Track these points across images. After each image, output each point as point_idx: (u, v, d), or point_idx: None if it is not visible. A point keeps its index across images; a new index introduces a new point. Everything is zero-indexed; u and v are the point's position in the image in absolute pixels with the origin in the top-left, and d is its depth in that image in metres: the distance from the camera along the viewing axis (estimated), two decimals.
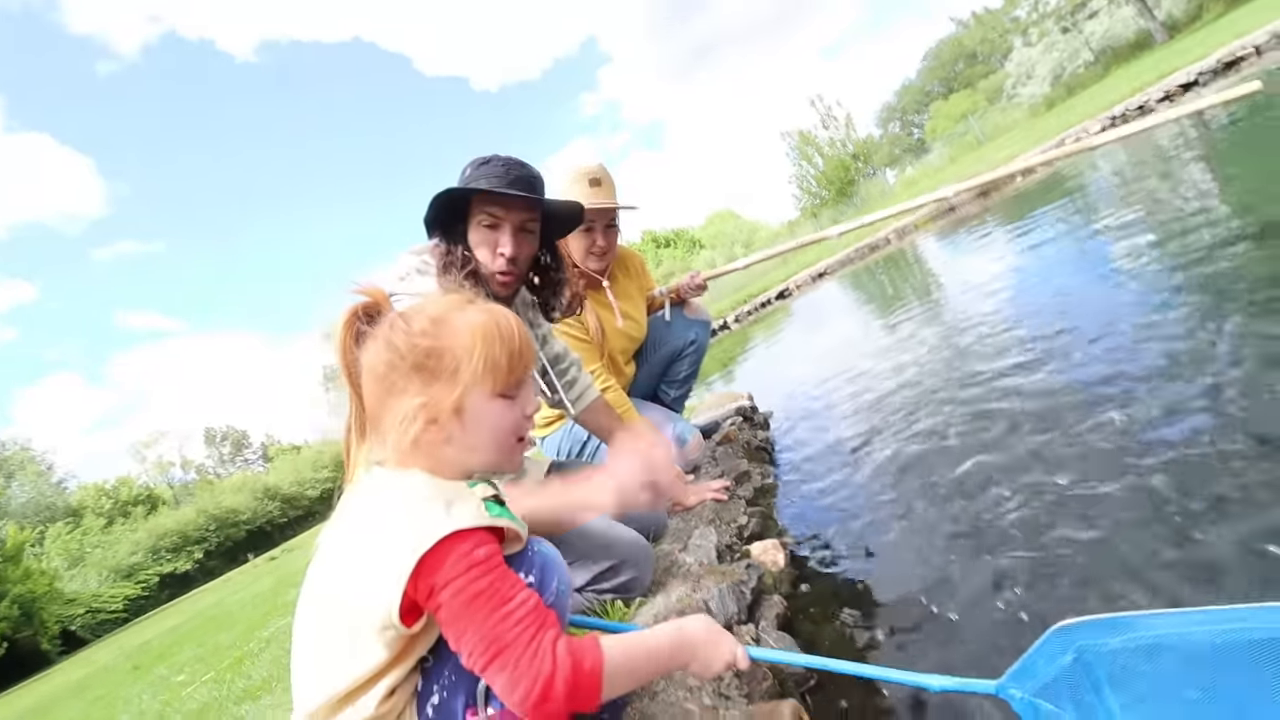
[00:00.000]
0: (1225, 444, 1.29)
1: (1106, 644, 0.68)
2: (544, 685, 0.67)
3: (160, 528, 44.68)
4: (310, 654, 0.77)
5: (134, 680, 5.35)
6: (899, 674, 0.79)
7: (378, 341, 0.81)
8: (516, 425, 0.86)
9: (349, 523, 0.79)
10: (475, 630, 0.69)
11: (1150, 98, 10.56)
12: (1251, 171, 3.43)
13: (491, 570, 0.72)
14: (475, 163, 1.47)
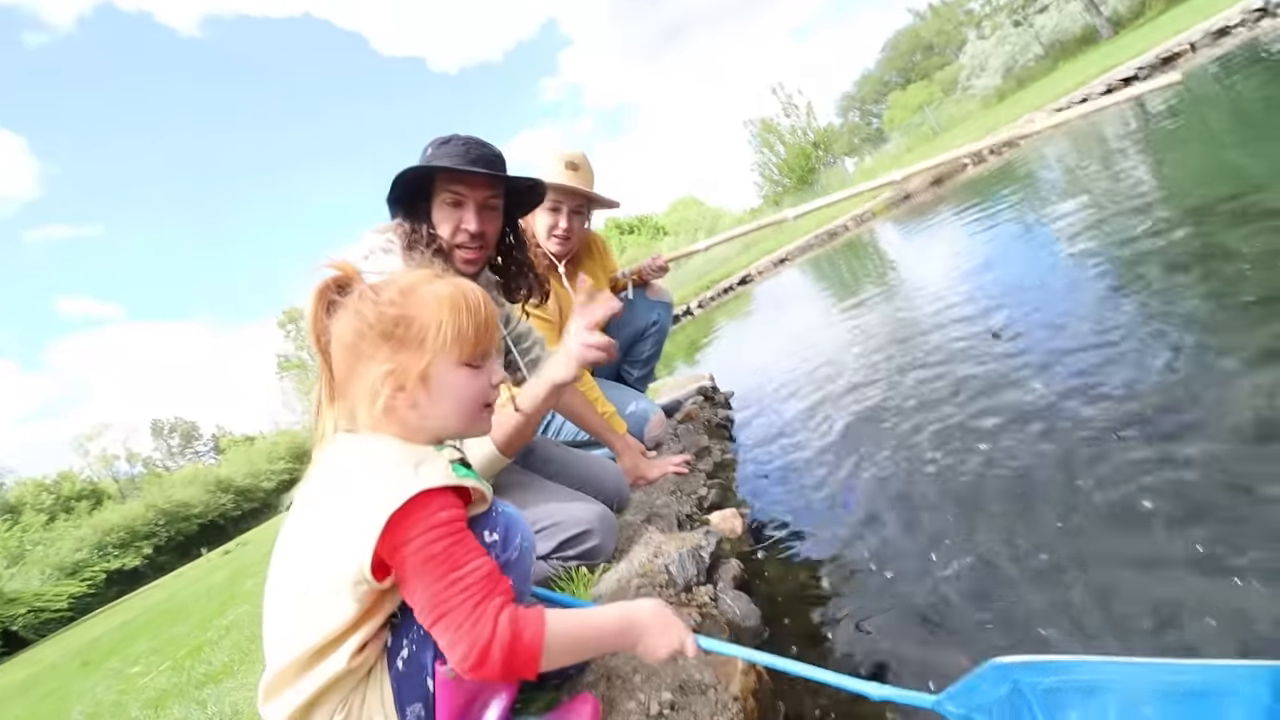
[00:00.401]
0: (1143, 408, 1.41)
1: (1042, 682, 0.68)
2: (480, 651, 0.69)
3: (106, 523, 42.95)
4: (284, 612, 0.80)
5: (85, 675, 5.21)
6: (841, 679, 0.79)
7: (348, 311, 0.83)
8: (482, 393, 0.90)
9: (320, 485, 0.82)
10: (425, 590, 0.72)
11: (1093, 91, 10.97)
12: (1181, 159, 3.63)
13: (451, 534, 0.75)
14: (436, 142, 1.49)
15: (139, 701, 2.89)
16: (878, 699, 0.76)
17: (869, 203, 12.30)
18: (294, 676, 0.77)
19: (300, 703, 0.75)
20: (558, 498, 1.54)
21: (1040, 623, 1.00)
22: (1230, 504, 1.06)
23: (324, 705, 0.77)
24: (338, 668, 0.76)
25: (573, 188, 2.18)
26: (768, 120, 35.66)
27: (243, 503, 49.55)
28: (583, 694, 0.97)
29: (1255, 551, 0.94)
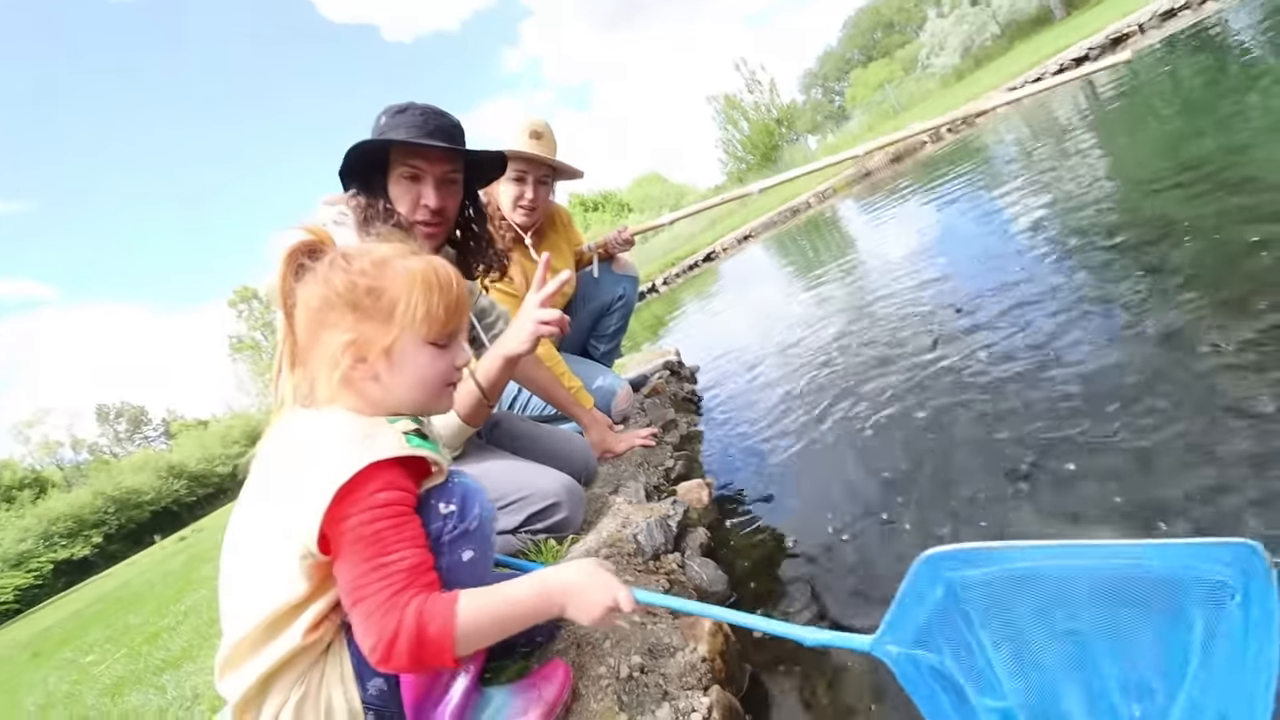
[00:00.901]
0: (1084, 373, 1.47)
1: (974, 575, 0.66)
2: (386, 644, 0.68)
3: (52, 512, 41.30)
4: (238, 586, 0.79)
5: (36, 667, 5.04)
6: (777, 625, 0.77)
7: (317, 276, 0.82)
8: (445, 373, 0.88)
9: (273, 458, 0.81)
10: (349, 572, 0.71)
11: (1047, 70, 11.21)
12: (1126, 137, 3.75)
13: (387, 518, 0.73)
14: (391, 110, 1.43)
15: (94, 690, 2.81)
16: (811, 644, 0.74)
17: (830, 180, 12.42)
18: (248, 652, 0.75)
19: (256, 678, 0.74)
20: (525, 471, 1.53)
21: None
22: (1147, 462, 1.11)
23: (281, 681, 0.76)
24: (292, 644, 0.75)
25: (537, 155, 2.15)
26: (731, 96, 35.57)
27: (197, 488, 48.16)
28: (553, 660, 0.98)
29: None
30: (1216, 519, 0.96)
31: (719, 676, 1.00)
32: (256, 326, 52.34)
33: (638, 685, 0.95)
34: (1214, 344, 1.35)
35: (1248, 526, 0.92)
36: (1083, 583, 0.61)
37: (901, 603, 0.68)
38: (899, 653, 0.68)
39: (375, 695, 0.79)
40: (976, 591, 0.66)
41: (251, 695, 0.75)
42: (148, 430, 63.87)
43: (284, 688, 0.76)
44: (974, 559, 0.66)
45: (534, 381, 1.90)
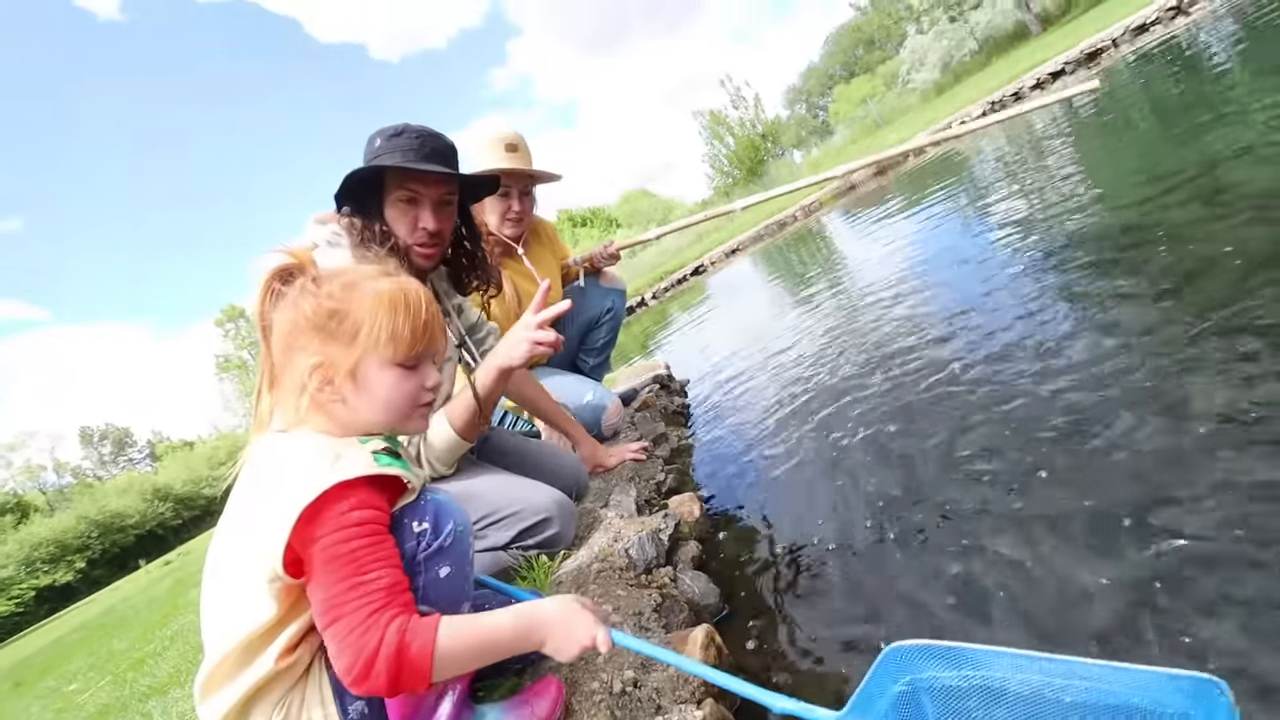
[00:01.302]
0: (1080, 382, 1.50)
1: (938, 679, 0.67)
2: (365, 662, 0.67)
3: (34, 537, 40.57)
4: (215, 609, 0.78)
5: (18, 697, 4.93)
6: (748, 688, 0.78)
7: (288, 300, 0.84)
8: (413, 395, 0.88)
9: (247, 480, 0.81)
10: (324, 592, 0.70)
11: (1024, 85, 11.43)
12: (1104, 150, 3.83)
13: (360, 536, 0.72)
14: (386, 134, 1.43)
15: (79, 718, 2.76)
16: (779, 712, 0.74)
17: (816, 194, 12.56)
18: (226, 677, 0.75)
19: (234, 703, 0.74)
20: (516, 487, 1.53)
21: (977, 602, 1.06)
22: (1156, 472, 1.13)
23: (260, 705, 0.76)
24: (265, 669, 0.74)
25: (518, 169, 2.18)
26: (716, 112, 35.94)
27: (183, 511, 47.52)
28: (546, 677, 0.98)
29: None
30: (1188, 525, 0.97)
31: (712, 690, 1.00)
32: (243, 346, 51.96)
33: (631, 700, 0.95)
34: (1194, 358, 1.38)
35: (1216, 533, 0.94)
36: (1048, 705, 0.61)
37: (866, 689, 0.69)
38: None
39: (356, 718, 0.79)
40: (939, 694, 0.66)
41: (231, 719, 0.75)
42: (132, 452, 63.02)
43: (264, 711, 0.76)
44: (943, 657, 0.66)
45: (523, 396, 1.90)
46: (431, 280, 1.64)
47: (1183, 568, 0.91)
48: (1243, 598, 0.83)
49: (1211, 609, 0.84)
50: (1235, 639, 0.79)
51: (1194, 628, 0.82)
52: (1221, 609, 0.83)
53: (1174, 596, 0.88)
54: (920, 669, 0.67)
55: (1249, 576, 0.86)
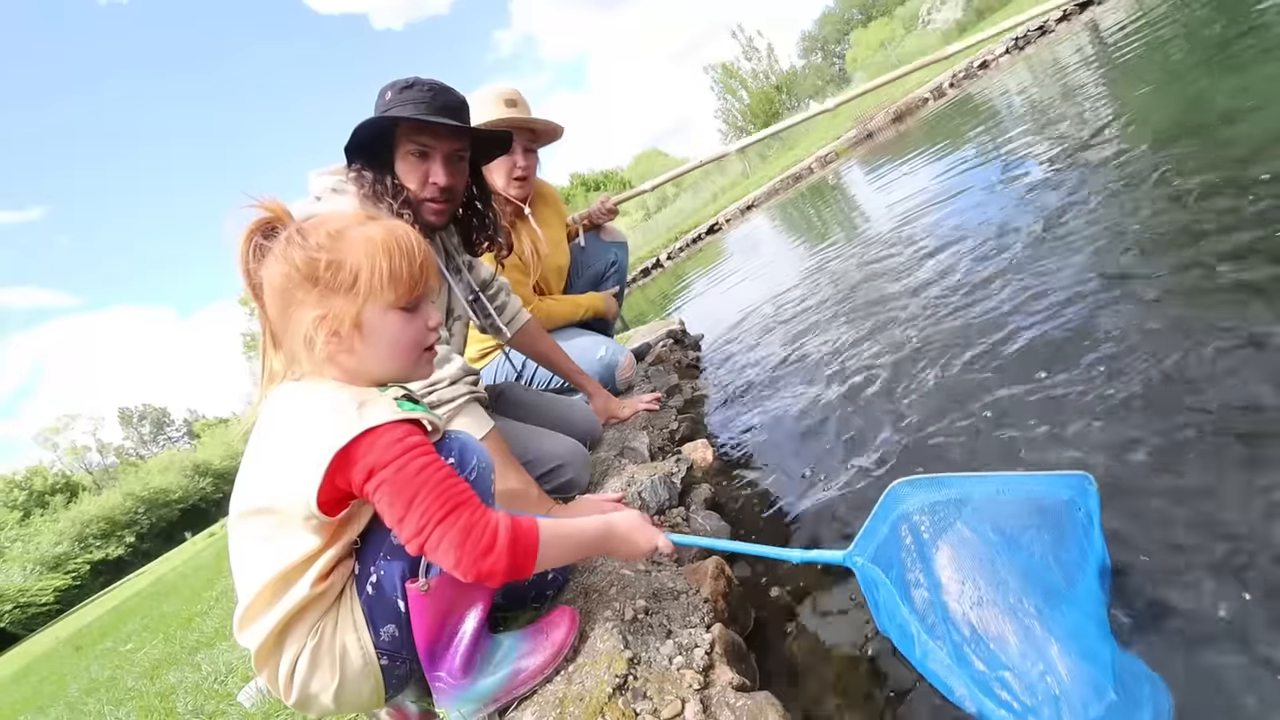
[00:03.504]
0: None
1: (925, 500, 0.86)
2: (484, 549, 0.73)
3: (84, 515, 42.43)
4: (246, 548, 0.81)
5: (79, 658, 5.23)
6: (771, 550, 0.95)
7: (275, 255, 0.82)
8: (418, 337, 0.89)
9: (267, 431, 0.83)
10: (426, 495, 0.74)
11: (1050, 17, 10.91)
12: (1131, 88, 3.67)
13: (423, 454, 0.77)
14: (397, 86, 1.41)
15: (134, 674, 2.93)
16: (799, 561, 0.92)
17: (832, 144, 12.26)
18: (263, 606, 0.79)
19: (271, 629, 0.78)
20: (531, 436, 1.56)
21: None
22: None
23: (295, 630, 0.80)
24: (302, 594, 0.78)
25: (519, 120, 2.16)
26: (729, 65, 35.01)
27: (223, 485, 49.14)
28: (561, 607, 1.02)
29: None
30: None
31: (721, 616, 1.03)
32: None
33: (642, 626, 0.98)
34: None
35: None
36: (995, 503, 0.85)
37: (871, 523, 0.87)
38: (862, 563, 0.85)
39: (387, 641, 0.83)
40: (928, 511, 0.87)
41: (269, 646, 0.79)
42: (171, 431, 65.11)
43: (299, 637, 0.80)
44: (929, 485, 0.88)
45: (539, 351, 1.92)
46: (441, 238, 1.64)
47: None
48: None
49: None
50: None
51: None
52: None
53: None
54: (913, 497, 0.88)
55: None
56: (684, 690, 0.82)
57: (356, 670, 0.82)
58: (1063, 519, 0.81)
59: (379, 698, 0.86)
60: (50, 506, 47.71)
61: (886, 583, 0.80)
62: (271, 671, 0.81)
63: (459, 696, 0.85)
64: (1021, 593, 0.75)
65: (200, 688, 1.98)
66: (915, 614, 0.78)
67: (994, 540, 0.81)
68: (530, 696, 0.89)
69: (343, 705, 0.83)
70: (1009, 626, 0.74)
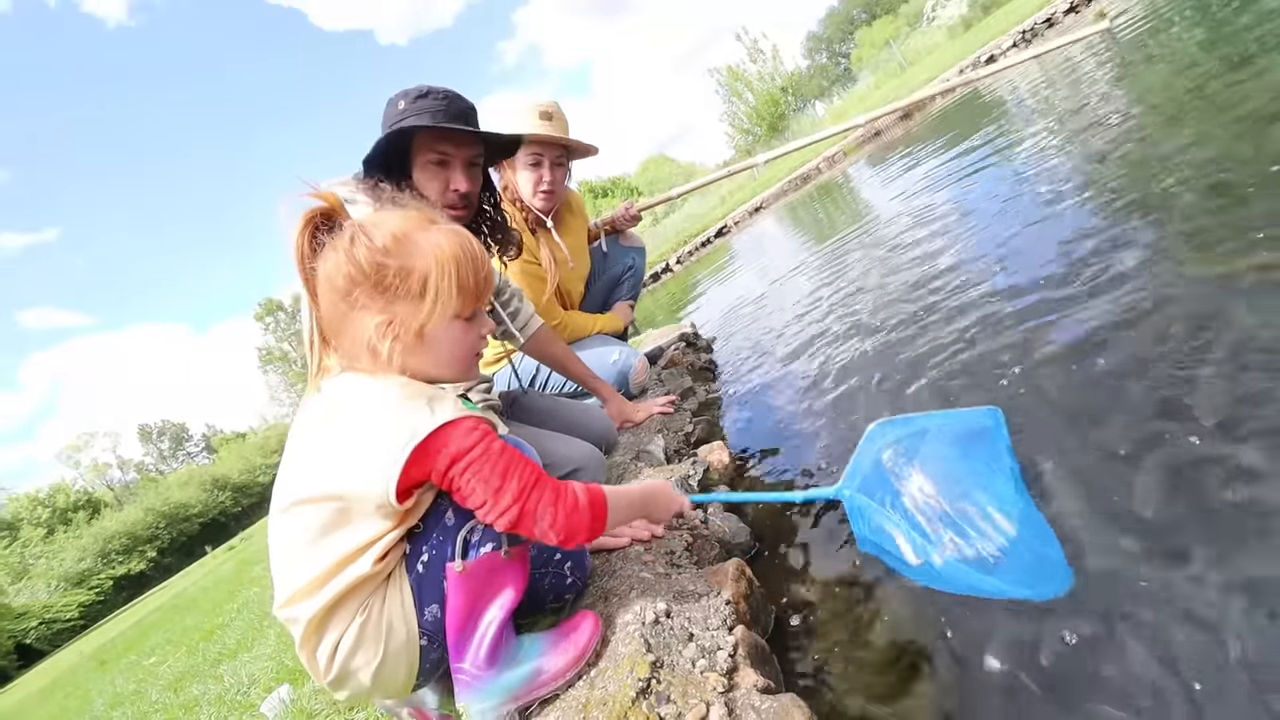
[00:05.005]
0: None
1: (895, 433, 1.20)
2: (568, 514, 0.83)
3: (106, 531, 42.98)
4: (297, 538, 0.80)
5: (104, 673, 5.29)
6: (769, 495, 1.36)
7: (338, 253, 0.80)
8: (475, 345, 0.90)
9: (328, 422, 0.82)
10: (516, 469, 0.80)
11: (1057, 9, 10.83)
12: (1148, 81, 3.63)
13: (495, 440, 0.81)
14: (410, 96, 1.43)
15: (157, 687, 2.95)
16: (801, 501, 1.28)
17: (840, 143, 12.21)
18: (318, 585, 0.79)
19: (323, 605, 0.78)
20: (547, 440, 1.56)
21: None
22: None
23: (345, 608, 0.80)
24: (362, 571, 0.79)
25: (552, 137, 2.15)
26: (734, 68, 35.00)
27: (241, 498, 49.66)
28: (582, 612, 1.01)
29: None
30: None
31: (743, 618, 1.02)
32: (284, 338, 53.33)
33: (664, 629, 0.98)
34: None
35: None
36: (944, 432, 1.19)
37: (856, 460, 1.22)
38: (850, 494, 1.14)
39: (430, 622, 0.84)
40: (895, 442, 1.19)
41: (318, 619, 0.79)
42: (190, 446, 65.79)
43: (347, 614, 0.80)
44: (900, 423, 1.23)
45: (552, 357, 1.92)
46: None
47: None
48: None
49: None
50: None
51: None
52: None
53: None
54: (885, 434, 1.21)
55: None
56: (708, 693, 0.81)
57: (399, 646, 0.83)
58: (989, 437, 1.15)
59: (411, 681, 0.87)
60: (73, 523, 48.35)
61: (872, 504, 1.09)
62: (314, 646, 0.80)
63: (481, 689, 0.85)
64: (973, 488, 1.05)
65: (223, 699, 1.99)
66: (904, 518, 1.07)
67: (948, 455, 1.13)
68: (552, 700, 0.89)
69: (378, 684, 0.83)
70: (969, 511, 1.02)
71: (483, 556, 0.85)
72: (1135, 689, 0.69)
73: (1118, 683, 0.71)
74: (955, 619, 0.91)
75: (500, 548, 0.87)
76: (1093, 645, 0.77)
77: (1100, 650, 0.76)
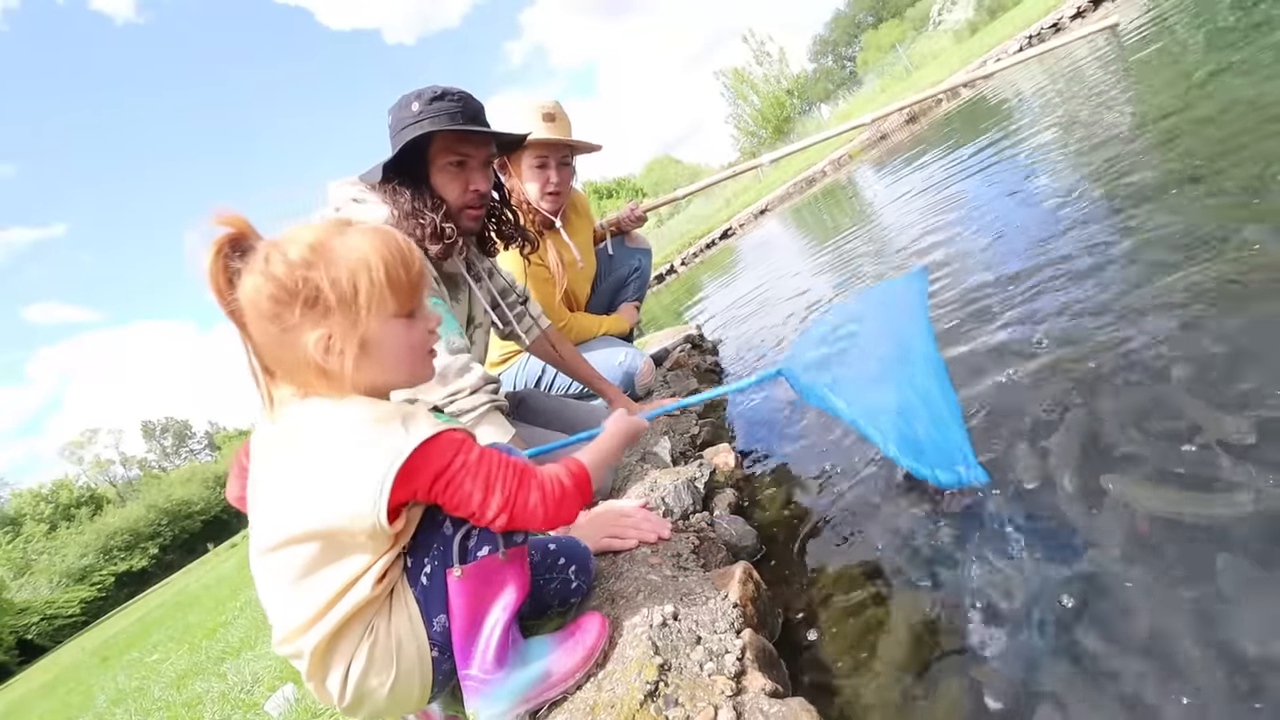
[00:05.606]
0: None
1: (838, 316, 1.40)
2: (558, 499, 0.86)
3: (108, 527, 43.14)
4: (285, 582, 0.78)
5: (106, 669, 5.30)
6: (717, 390, 1.53)
7: (255, 276, 0.76)
8: (423, 341, 0.87)
9: (294, 456, 0.78)
10: (498, 472, 0.81)
11: (1064, 14, 10.82)
12: (1153, 84, 3.62)
13: (477, 446, 0.82)
14: (425, 98, 1.42)
15: (160, 684, 2.96)
16: (747, 387, 1.51)
17: (845, 146, 12.21)
18: (317, 618, 0.77)
19: (326, 633, 0.76)
20: (552, 442, 1.56)
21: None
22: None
23: (350, 634, 0.78)
24: (362, 595, 0.77)
25: (555, 140, 2.15)
26: (740, 70, 35.04)
27: None
28: (590, 613, 1.01)
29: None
30: None
31: (751, 621, 1.02)
32: None
33: (671, 632, 0.97)
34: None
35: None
36: (878, 304, 1.45)
37: (799, 341, 1.47)
38: (788, 368, 1.31)
39: (439, 633, 0.83)
40: (831, 325, 1.38)
41: (323, 647, 0.77)
42: (192, 443, 66.00)
43: (353, 639, 0.79)
44: (839, 309, 1.38)
45: (559, 359, 1.93)
46: (464, 243, 1.65)
47: None
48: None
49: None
50: None
51: None
52: None
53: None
54: (826, 318, 1.45)
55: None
56: (716, 697, 0.81)
57: (411, 662, 0.82)
58: (916, 299, 1.30)
59: (425, 694, 0.86)
60: (76, 519, 48.53)
61: (810, 374, 1.24)
62: (323, 676, 0.79)
63: (490, 693, 0.85)
64: (899, 360, 1.21)
65: (227, 697, 1.99)
66: (836, 394, 1.21)
67: (880, 329, 1.28)
68: (561, 703, 0.89)
69: (394, 701, 0.83)
70: (893, 376, 1.19)
71: (481, 560, 0.84)
72: (1150, 695, 0.69)
73: (1131, 692, 0.71)
74: (965, 624, 0.91)
75: (497, 550, 0.86)
76: (1105, 654, 0.76)
77: (1110, 658, 0.75)
